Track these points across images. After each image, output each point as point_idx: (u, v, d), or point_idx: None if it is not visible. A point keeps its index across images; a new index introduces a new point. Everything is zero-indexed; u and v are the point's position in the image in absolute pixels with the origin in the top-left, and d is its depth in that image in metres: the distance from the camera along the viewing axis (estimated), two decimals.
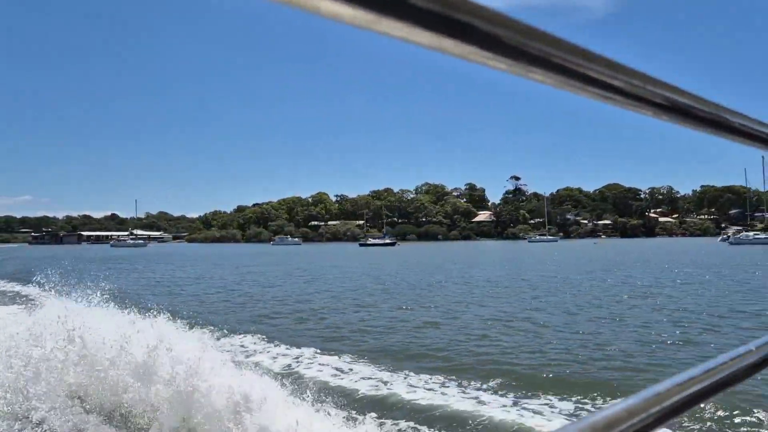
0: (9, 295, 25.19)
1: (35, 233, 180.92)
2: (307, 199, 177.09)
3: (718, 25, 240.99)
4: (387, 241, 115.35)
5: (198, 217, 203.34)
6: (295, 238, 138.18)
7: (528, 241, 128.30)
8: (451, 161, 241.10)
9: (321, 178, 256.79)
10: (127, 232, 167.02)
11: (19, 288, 27.74)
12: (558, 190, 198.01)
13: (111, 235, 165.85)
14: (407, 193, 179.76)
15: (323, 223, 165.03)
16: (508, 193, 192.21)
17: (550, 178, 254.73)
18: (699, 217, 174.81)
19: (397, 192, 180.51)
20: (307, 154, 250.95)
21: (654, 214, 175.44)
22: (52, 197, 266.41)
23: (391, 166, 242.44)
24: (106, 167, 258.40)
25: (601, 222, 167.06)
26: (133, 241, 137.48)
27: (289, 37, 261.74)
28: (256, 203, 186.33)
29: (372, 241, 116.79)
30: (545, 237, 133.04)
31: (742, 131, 0.84)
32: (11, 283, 31.27)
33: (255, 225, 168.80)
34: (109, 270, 42.86)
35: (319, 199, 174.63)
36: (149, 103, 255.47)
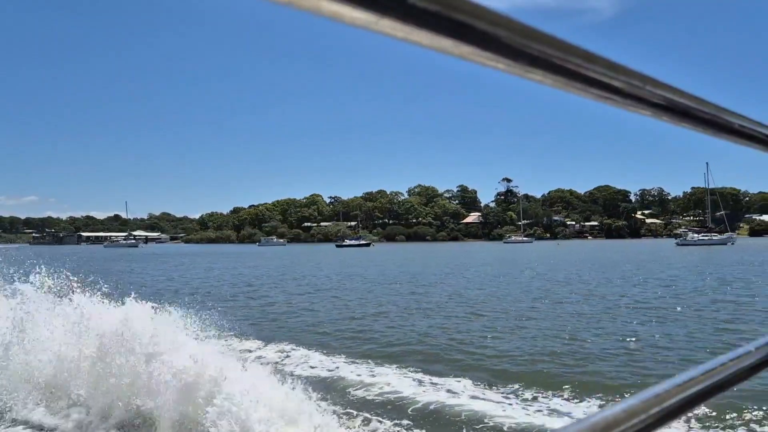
0: None
1: (36, 234, 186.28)
2: (301, 200, 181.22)
3: (721, 25, 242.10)
4: (362, 242, 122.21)
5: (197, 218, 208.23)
6: (280, 239, 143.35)
7: (503, 242, 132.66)
8: (446, 163, 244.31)
9: (317, 180, 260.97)
10: (126, 233, 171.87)
11: None
12: (550, 192, 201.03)
13: (109, 236, 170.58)
14: (399, 195, 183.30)
15: (315, 224, 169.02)
16: (499, 194, 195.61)
17: (544, 180, 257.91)
18: (685, 218, 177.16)
19: (390, 194, 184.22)
20: (304, 156, 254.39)
21: (641, 216, 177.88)
22: (58, 198, 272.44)
23: (386, 168, 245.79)
24: (111, 168, 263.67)
25: (588, 223, 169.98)
26: (125, 241, 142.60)
27: (289, 37, 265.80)
28: (252, 205, 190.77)
29: (348, 242, 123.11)
30: (520, 238, 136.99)
31: (742, 132, 0.83)
32: None
33: (250, 226, 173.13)
34: (82, 265, 47.00)
35: (312, 201, 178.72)
36: (151, 104, 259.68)
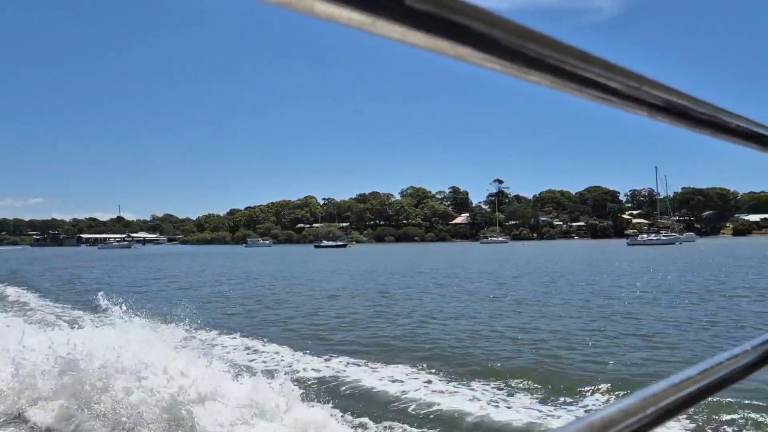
0: None
1: (37, 236, 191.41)
2: (295, 202, 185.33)
3: (725, 24, 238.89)
4: (339, 243, 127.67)
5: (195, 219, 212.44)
6: (266, 241, 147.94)
7: (480, 242, 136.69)
8: (441, 164, 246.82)
9: (314, 181, 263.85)
10: (125, 234, 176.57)
11: None
12: (541, 193, 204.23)
13: (107, 237, 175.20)
14: (391, 197, 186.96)
15: (308, 225, 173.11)
16: (490, 195, 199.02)
17: (543, 180, 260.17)
18: (671, 218, 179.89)
19: (382, 195, 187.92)
20: (302, 157, 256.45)
21: (628, 216, 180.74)
22: (63, 199, 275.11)
23: (382, 169, 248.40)
24: (113, 170, 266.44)
25: (575, 224, 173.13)
26: (118, 243, 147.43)
27: (287, 38, 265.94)
28: (248, 206, 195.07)
29: (326, 243, 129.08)
30: (496, 239, 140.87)
31: (738, 132, 0.84)
32: None
33: (245, 227, 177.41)
34: (66, 265, 51.42)
35: (305, 202, 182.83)
36: (151, 105, 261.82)
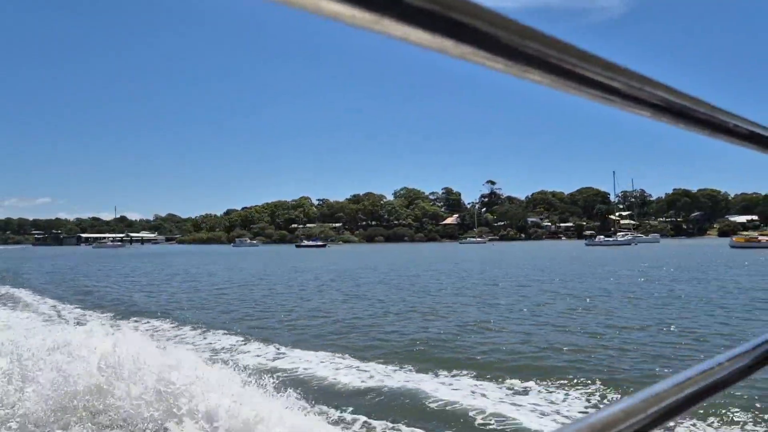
0: None
1: (38, 235, 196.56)
2: (290, 202, 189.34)
3: (735, 23, 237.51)
4: (318, 243, 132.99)
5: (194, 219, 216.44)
6: (253, 241, 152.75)
7: (459, 243, 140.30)
8: (437, 165, 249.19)
9: (310, 182, 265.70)
10: (123, 234, 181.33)
11: None
12: (533, 194, 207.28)
13: (102, 237, 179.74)
14: (384, 198, 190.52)
15: (302, 225, 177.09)
16: (483, 197, 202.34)
17: (539, 180, 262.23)
18: (659, 219, 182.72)
19: (376, 196, 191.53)
20: (299, 158, 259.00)
21: (616, 217, 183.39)
22: (69, 199, 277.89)
23: (379, 170, 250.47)
24: (117, 170, 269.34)
25: (564, 224, 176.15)
26: (112, 243, 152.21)
27: (286, 38, 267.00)
28: (245, 207, 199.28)
29: (306, 243, 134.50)
30: (475, 239, 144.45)
31: (736, 132, 0.84)
32: None
33: (240, 227, 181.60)
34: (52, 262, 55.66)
35: (299, 203, 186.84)
36: (153, 105, 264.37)
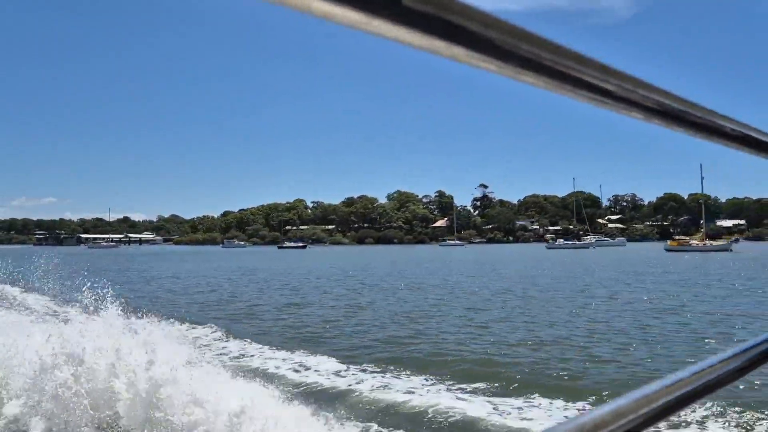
0: None
1: (39, 236, 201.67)
2: (284, 204, 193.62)
3: (745, 23, 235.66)
4: (299, 244, 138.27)
5: (192, 219, 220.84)
6: (240, 242, 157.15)
7: (439, 245, 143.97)
8: (431, 168, 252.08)
9: (305, 184, 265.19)
10: (122, 235, 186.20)
11: None
12: (525, 197, 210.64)
13: (105, 238, 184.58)
14: (376, 201, 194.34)
15: (295, 227, 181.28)
16: (476, 200, 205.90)
17: (531, 182, 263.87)
18: (646, 223, 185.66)
19: (370, 198, 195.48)
20: (298, 159, 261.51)
21: (604, 221, 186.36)
22: (74, 199, 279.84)
23: (374, 172, 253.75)
24: (119, 170, 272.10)
25: (552, 227, 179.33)
26: (106, 243, 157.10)
27: (285, 39, 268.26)
28: (242, 209, 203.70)
29: (287, 244, 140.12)
30: (454, 242, 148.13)
31: (731, 135, 0.84)
32: None
33: (236, 229, 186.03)
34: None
35: (293, 205, 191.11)
36: (155, 105, 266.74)
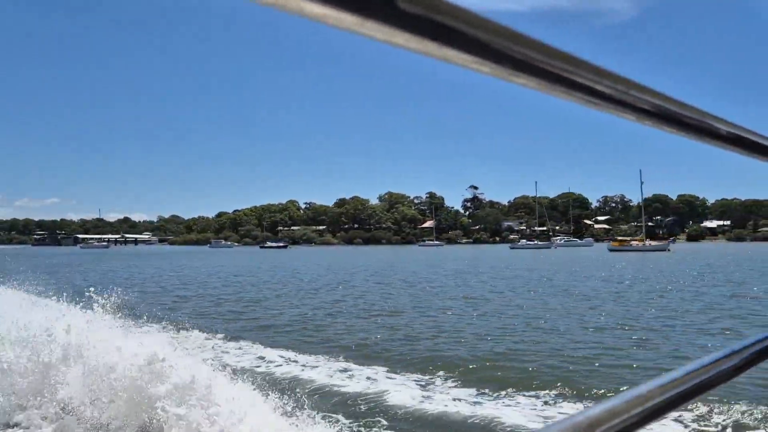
0: None
1: (37, 236, 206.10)
2: (277, 206, 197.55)
3: (748, 24, 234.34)
4: (280, 244, 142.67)
5: (188, 220, 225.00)
6: (227, 242, 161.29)
7: (419, 245, 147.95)
8: (424, 169, 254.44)
9: (299, 185, 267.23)
10: (119, 236, 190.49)
11: None
12: (515, 198, 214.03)
13: (97, 238, 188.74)
14: (367, 202, 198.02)
15: (286, 228, 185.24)
16: (466, 201, 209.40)
17: (527, 183, 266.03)
18: (631, 224, 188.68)
19: (363, 199, 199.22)
20: (290, 161, 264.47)
21: (590, 222, 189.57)
22: (78, 200, 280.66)
23: (367, 174, 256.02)
24: (123, 170, 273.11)
25: (538, 228, 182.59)
26: (98, 243, 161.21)
27: (284, 42, 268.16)
28: (236, 209, 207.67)
29: (269, 244, 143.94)
30: (433, 242, 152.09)
31: (724, 136, 0.85)
32: None
33: (229, 229, 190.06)
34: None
35: (285, 207, 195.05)
36: (156, 105, 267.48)
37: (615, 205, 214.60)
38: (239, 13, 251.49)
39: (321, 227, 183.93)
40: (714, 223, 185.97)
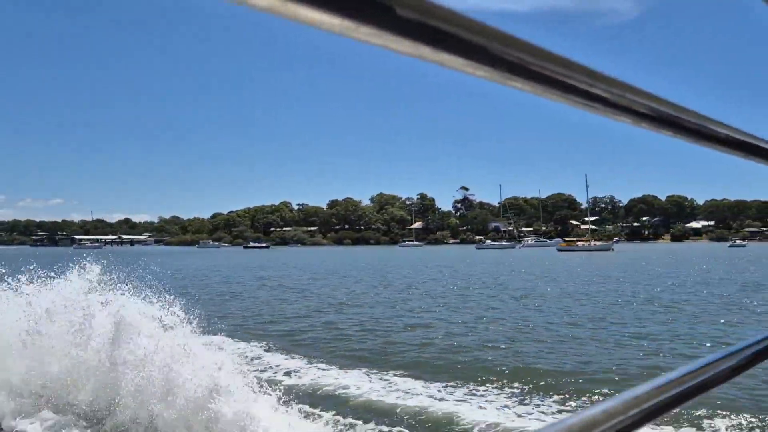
0: None
1: (35, 237, 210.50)
2: (269, 207, 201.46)
3: (733, 29, 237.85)
4: (263, 245, 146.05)
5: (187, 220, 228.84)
6: (215, 243, 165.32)
7: (399, 246, 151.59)
8: (417, 171, 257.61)
9: (293, 186, 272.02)
10: (115, 237, 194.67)
11: None
12: (505, 199, 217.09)
13: (91, 239, 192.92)
14: (359, 203, 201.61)
15: (279, 229, 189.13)
16: (457, 202, 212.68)
17: (524, 184, 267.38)
18: (615, 225, 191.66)
19: (356, 201, 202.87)
20: (285, 162, 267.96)
21: (576, 222, 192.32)
22: (81, 200, 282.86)
23: (362, 175, 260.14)
24: (128, 172, 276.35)
25: (525, 229, 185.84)
26: (91, 244, 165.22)
27: (280, 45, 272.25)
28: (231, 211, 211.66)
29: (253, 244, 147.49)
30: (412, 243, 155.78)
31: (721, 139, 0.85)
32: None
33: (222, 230, 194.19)
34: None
35: (277, 208, 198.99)
36: (158, 105, 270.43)
37: (604, 205, 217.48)
38: (237, 15, 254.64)
39: (312, 228, 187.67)
40: (699, 224, 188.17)
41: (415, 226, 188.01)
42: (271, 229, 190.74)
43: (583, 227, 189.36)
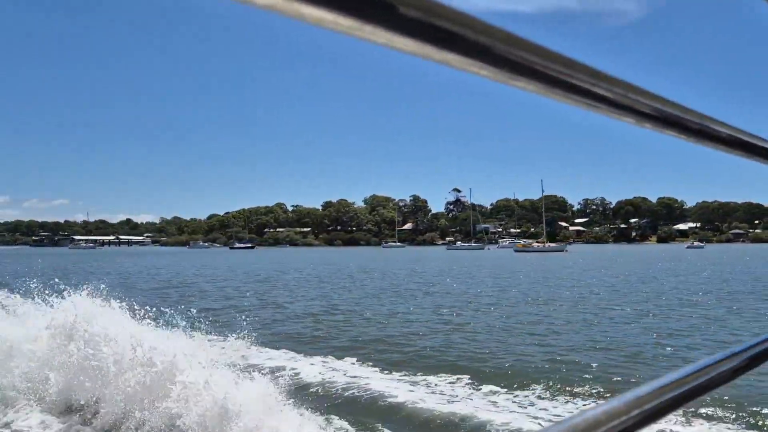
0: None
1: (36, 237, 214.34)
2: (263, 208, 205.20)
3: (737, 30, 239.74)
4: (248, 245, 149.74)
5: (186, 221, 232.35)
6: (205, 243, 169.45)
7: (382, 247, 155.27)
8: (413, 173, 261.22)
9: (288, 187, 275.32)
10: (113, 237, 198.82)
11: None
12: (497, 201, 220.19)
13: (86, 239, 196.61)
14: (353, 204, 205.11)
15: (272, 230, 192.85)
16: (449, 203, 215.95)
17: (510, 186, 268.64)
18: (602, 226, 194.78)
19: (349, 202, 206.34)
20: (280, 163, 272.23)
21: (564, 224, 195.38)
22: (86, 201, 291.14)
23: (356, 177, 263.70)
24: (129, 172, 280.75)
25: (514, 230, 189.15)
26: (86, 244, 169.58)
27: (279, 46, 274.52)
28: (227, 211, 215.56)
29: (237, 245, 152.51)
30: (395, 244, 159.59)
31: (724, 139, 0.85)
32: None
33: (217, 231, 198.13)
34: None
35: (271, 209, 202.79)
36: (159, 105, 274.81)
37: (595, 207, 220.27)
38: (237, 15, 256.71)
39: (306, 229, 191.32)
40: (685, 226, 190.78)
41: (405, 227, 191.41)
42: (265, 230, 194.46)
43: (571, 228, 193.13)
